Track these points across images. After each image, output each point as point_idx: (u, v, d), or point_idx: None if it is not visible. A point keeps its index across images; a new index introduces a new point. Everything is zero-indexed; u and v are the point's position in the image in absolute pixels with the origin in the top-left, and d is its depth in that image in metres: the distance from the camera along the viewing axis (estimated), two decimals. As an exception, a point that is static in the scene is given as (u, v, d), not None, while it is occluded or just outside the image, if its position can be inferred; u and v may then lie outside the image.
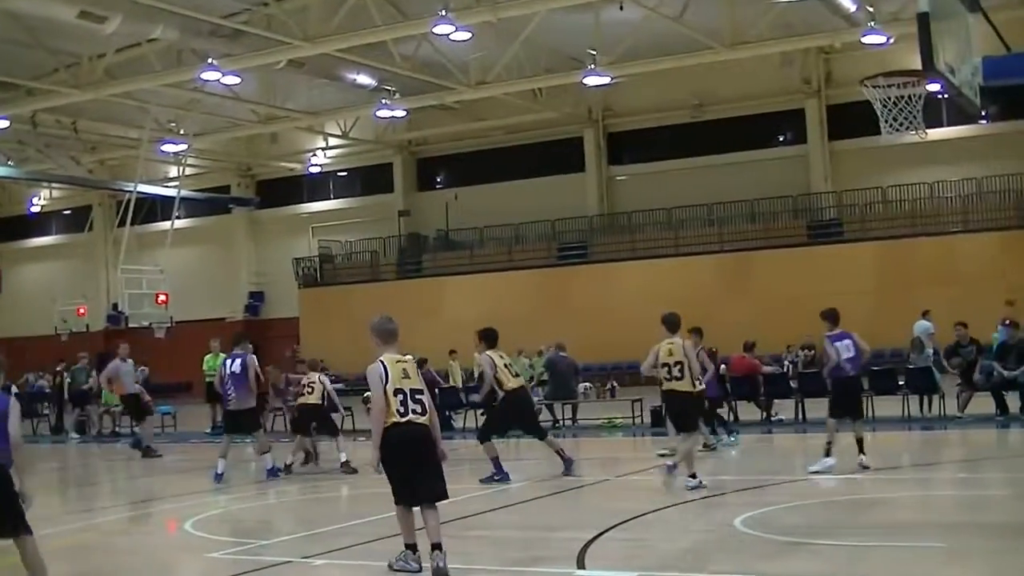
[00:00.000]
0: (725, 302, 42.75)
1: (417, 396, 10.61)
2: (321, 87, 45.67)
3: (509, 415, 18.08)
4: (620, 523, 13.02)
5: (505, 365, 17.68)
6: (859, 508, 13.67)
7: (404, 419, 10.45)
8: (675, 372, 15.61)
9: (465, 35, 35.32)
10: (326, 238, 56.85)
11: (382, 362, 10.74)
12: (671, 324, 15.82)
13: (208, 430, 31.99)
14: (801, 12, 37.80)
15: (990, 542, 11.19)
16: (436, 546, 10.30)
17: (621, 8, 37.50)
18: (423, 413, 10.55)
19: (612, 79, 41.53)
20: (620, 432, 26.33)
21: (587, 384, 34.71)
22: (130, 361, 27.40)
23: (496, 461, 17.45)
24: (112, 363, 27.39)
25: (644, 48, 39.61)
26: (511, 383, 17.57)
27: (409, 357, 11.00)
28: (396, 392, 10.52)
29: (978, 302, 34.12)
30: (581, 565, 10.78)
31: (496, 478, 17.26)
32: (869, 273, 42.43)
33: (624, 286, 45.79)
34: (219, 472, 18.94)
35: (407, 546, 10.72)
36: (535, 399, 23.64)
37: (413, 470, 10.50)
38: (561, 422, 28.09)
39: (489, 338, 17.87)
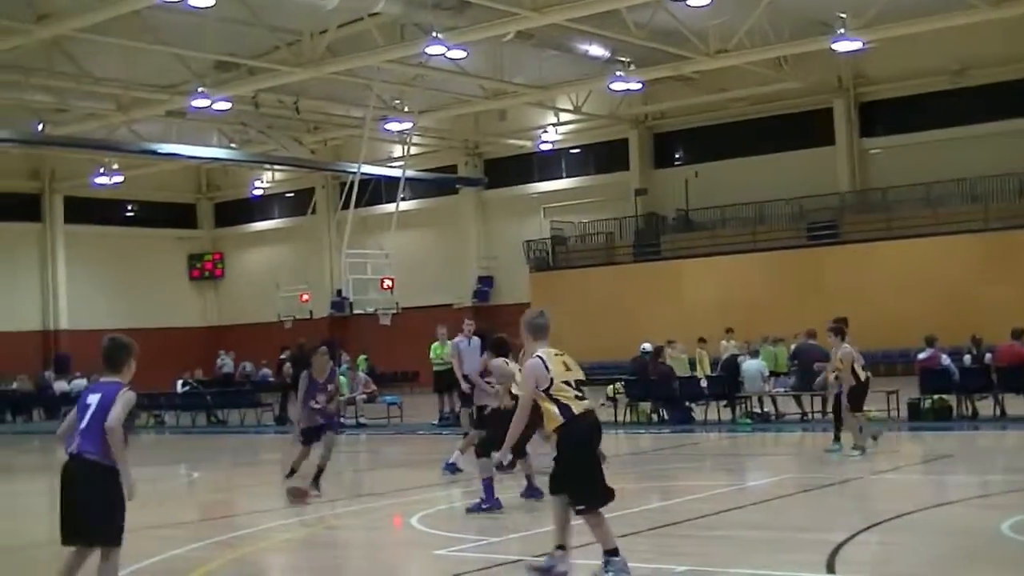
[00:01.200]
0: (989, 285, 41.72)
1: (583, 387, 10.65)
2: (551, 59, 45.78)
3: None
4: (874, 525, 12.82)
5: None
6: None
7: (584, 405, 10.52)
8: None
9: (704, 0, 35.08)
10: (558, 219, 57.05)
11: (540, 357, 10.74)
12: None
13: (435, 422, 32.41)
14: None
15: None
16: (614, 551, 10.26)
17: (873, -33, 36.84)
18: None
19: (864, 44, 40.76)
20: (874, 426, 25.88)
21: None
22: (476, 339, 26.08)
23: (490, 484, 15.26)
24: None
25: (899, 9, 38.72)
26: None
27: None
28: (565, 384, 10.53)
29: None
30: (831, 570, 10.62)
31: (484, 507, 15.14)
32: None
33: (879, 268, 44.97)
34: (450, 462, 19.03)
35: (560, 547, 10.59)
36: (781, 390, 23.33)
37: (597, 465, 10.50)
38: (811, 415, 27.75)
39: (498, 347, 16.36)
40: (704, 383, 29.79)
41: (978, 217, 45.71)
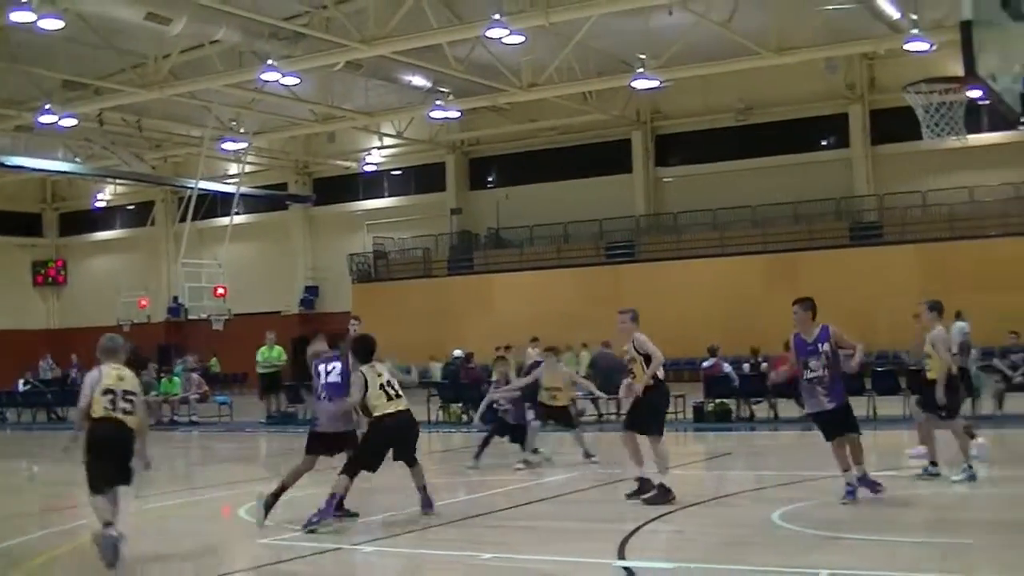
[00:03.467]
0: (769, 301, 42.50)
1: (128, 396, 11.57)
2: (377, 88, 45.70)
3: (382, 444, 13.50)
4: (661, 516, 13.01)
5: (385, 383, 13.56)
6: (897, 505, 13.55)
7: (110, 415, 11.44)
8: None
9: (518, 39, 35.28)
10: (380, 235, 56.90)
11: (100, 369, 11.68)
12: None
13: (263, 420, 32.20)
14: (846, 19, 37.68)
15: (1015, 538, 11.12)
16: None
17: (670, 13, 37.43)
18: (129, 413, 11.52)
19: (661, 83, 41.42)
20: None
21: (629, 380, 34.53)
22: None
23: (333, 502, 13.07)
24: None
25: (692, 53, 39.48)
26: (388, 407, 13.41)
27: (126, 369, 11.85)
28: (106, 392, 11.49)
29: (1018, 306, 33.83)
30: (621, 556, 10.77)
31: (336, 514, 13.15)
32: (909, 275, 42.04)
33: (670, 285, 45.65)
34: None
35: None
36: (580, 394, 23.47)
37: (107, 463, 11.47)
38: (606, 417, 28.09)
39: (361, 351, 13.99)
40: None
41: (758, 240, 46.75)
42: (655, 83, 41.04)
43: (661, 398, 14.62)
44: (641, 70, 39.60)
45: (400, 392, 13.53)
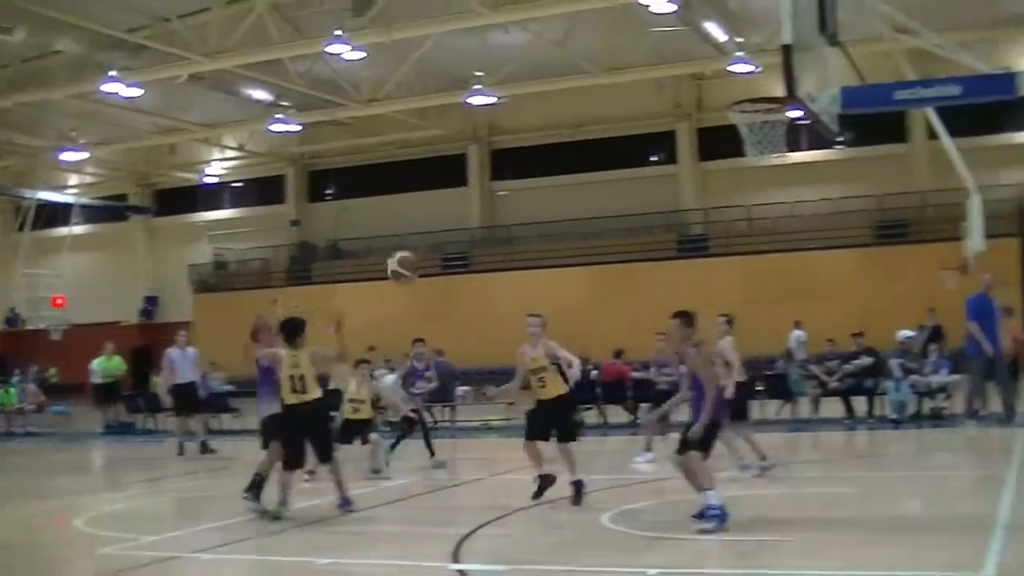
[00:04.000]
0: (599, 312, 43.04)
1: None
2: (219, 100, 45.09)
3: (291, 433, 13.79)
4: (493, 519, 13.04)
5: (299, 377, 13.66)
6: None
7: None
8: None
9: (359, 55, 35.20)
10: (221, 246, 56.23)
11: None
12: None
13: (100, 430, 31.58)
14: (674, 40, 38.26)
15: (840, 536, 11.34)
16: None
17: (507, 32, 37.64)
18: None
19: (496, 99, 41.69)
20: (495, 434, 26.36)
21: (466, 388, 34.60)
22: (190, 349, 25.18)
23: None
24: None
25: (527, 70, 39.78)
26: (290, 398, 13.65)
27: None
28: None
29: (835, 315, 34.62)
30: (456, 560, 10.77)
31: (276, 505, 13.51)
32: (733, 286, 42.76)
33: (503, 295, 45.79)
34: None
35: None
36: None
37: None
38: (439, 423, 28.09)
39: (287, 331, 14.13)
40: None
41: (589, 252, 47.14)
42: (491, 99, 41.33)
43: (574, 404, 15.00)
44: (478, 87, 39.84)
45: (305, 387, 13.65)
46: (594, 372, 28.35)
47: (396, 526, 13.36)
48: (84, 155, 49.39)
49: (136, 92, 38.82)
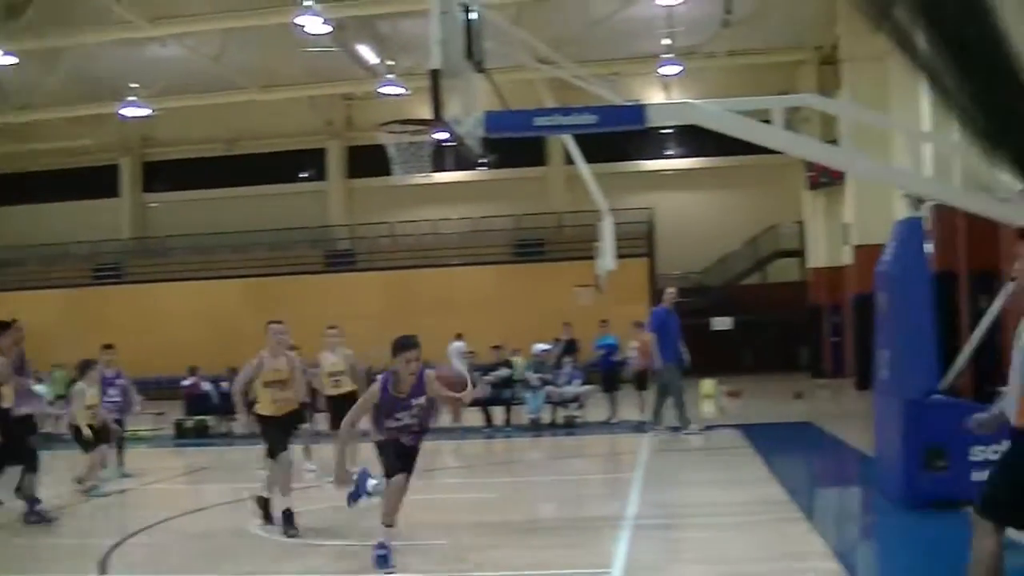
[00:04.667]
0: (247, 323, 42.45)
1: None
2: None
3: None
4: (142, 529, 12.64)
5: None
6: (365, 511, 13.68)
7: None
8: None
9: (11, 60, 33.72)
10: None
11: None
12: None
13: None
14: (327, 61, 38.25)
15: (483, 539, 11.47)
16: None
17: (164, 45, 36.79)
18: None
19: (151, 112, 40.70)
20: (145, 444, 25.58)
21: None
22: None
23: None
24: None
25: (183, 84, 39.10)
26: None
27: None
28: None
29: (475, 328, 35.19)
30: (103, 570, 10.37)
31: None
32: (377, 299, 43.03)
33: (158, 306, 44.76)
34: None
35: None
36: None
37: None
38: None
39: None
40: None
41: (241, 264, 46.57)
42: (145, 111, 40.30)
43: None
44: (132, 98, 38.78)
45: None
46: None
47: (46, 539, 12.73)
48: None
49: None
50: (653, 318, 22.33)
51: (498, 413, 24.82)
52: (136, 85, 38.69)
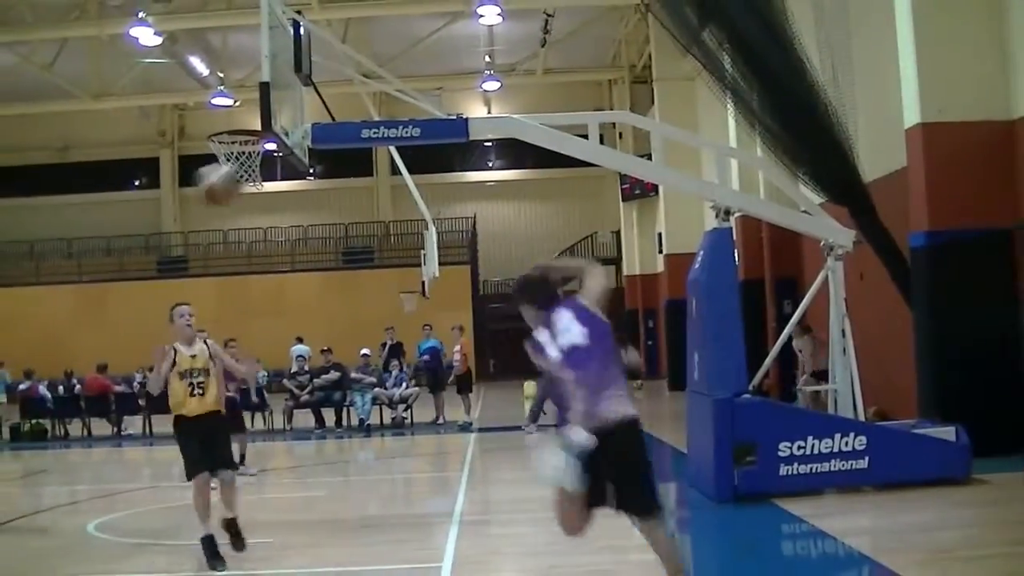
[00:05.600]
0: (82, 329, 41.60)
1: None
2: None
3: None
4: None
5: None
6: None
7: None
8: None
9: None
10: None
11: None
12: None
13: None
14: (160, 72, 37.69)
15: (315, 536, 11.39)
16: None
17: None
18: None
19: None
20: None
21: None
22: None
23: None
24: None
25: (15, 92, 38.01)
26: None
27: None
28: None
29: (304, 332, 34.90)
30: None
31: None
32: (210, 305, 42.26)
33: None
34: None
35: None
36: None
37: None
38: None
39: None
40: None
41: (73, 271, 45.45)
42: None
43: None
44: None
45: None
46: (77, 386, 27.28)
47: None
48: None
49: None
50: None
51: (329, 415, 24.68)
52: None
